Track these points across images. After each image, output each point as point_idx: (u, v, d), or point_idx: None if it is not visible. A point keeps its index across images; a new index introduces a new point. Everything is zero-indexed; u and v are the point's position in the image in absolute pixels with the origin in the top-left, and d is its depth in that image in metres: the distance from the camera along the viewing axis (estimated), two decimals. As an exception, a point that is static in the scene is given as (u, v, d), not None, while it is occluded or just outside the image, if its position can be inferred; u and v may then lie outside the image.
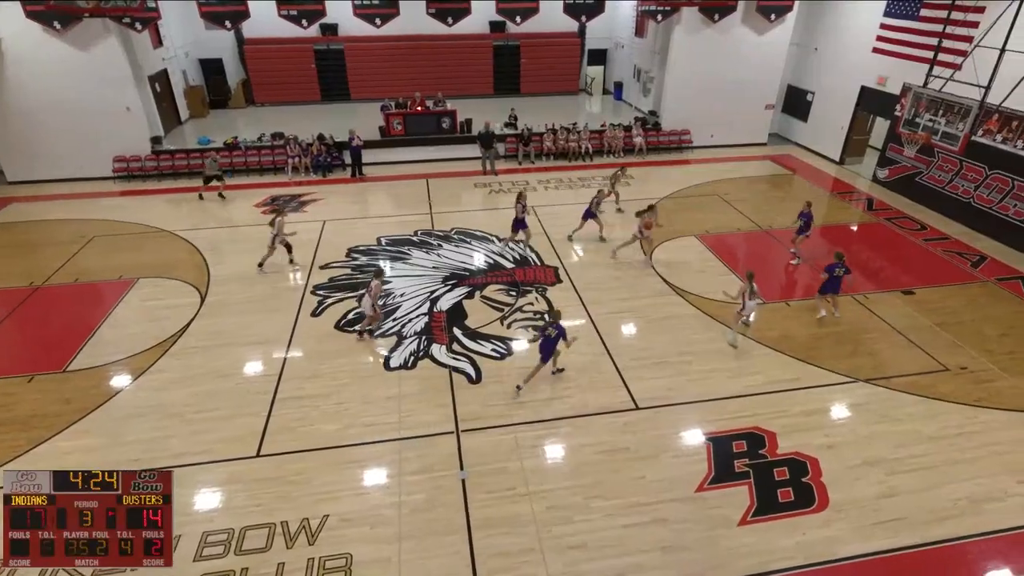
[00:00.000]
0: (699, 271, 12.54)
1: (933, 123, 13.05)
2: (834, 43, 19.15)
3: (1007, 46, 11.83)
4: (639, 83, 23.24)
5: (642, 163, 19.41)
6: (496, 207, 15.93)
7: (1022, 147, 13.33)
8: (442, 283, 12.07)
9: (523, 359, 9.80)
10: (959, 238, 14.22)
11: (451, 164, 19.04)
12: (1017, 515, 7.09)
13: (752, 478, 7.59)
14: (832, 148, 19.63)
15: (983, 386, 9.24)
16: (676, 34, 19.19)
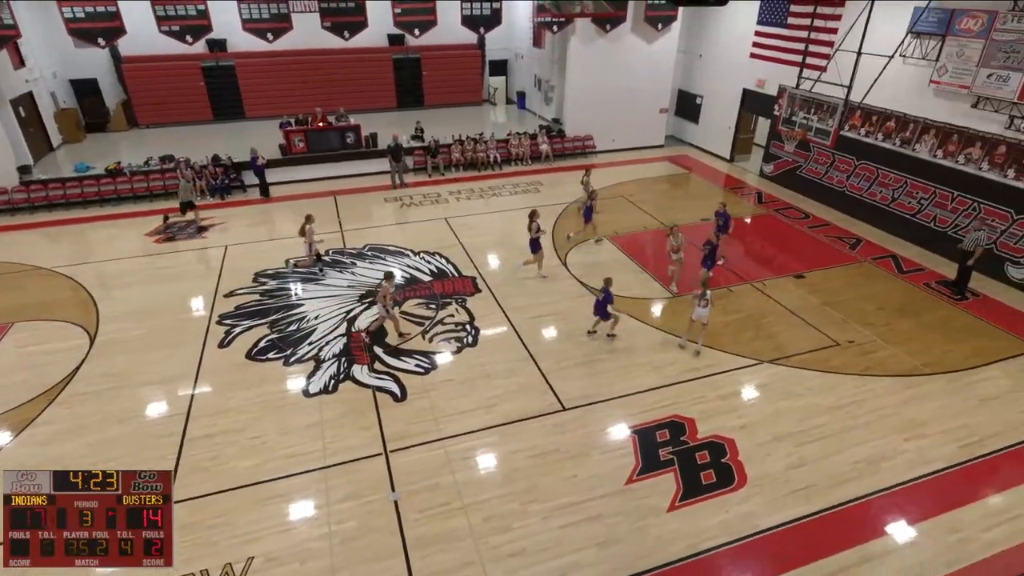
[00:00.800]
0: (612, 271, 12.96)
1: (807, 120, 14.28)
2: (716, 49, 20.53)
3: (862, 49, 13.18)
4: (541, 92, 23.83)
5: (549, 169, 19.87)
6: (408, 220, 15.75)
7: (882, 139, 14.89)
8: (358, 302, 11.75)
9: (448, 371, 9.72)
10: (837, 224, 15.61)
11: (359, 180, 18.63)
12: (907, 470, 7.85)
13: (677, 465, 7.92)
14: (722, 147, 20.99)
15: (868, 357, 10.18)
16: (572, 44, 19.86)
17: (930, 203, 14.01)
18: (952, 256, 12.80)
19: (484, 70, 26.43)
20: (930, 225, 13.99)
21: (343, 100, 22.02)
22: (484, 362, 9.97)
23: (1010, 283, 12.46)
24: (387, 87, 24.56)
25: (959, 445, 8.26)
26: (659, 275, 12.82)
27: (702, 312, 9.92)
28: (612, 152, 21.50)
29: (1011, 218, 12.39)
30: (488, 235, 14.88)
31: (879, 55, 13.42)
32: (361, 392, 9.29)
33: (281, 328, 10.88)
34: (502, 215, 16.22)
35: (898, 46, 13.40)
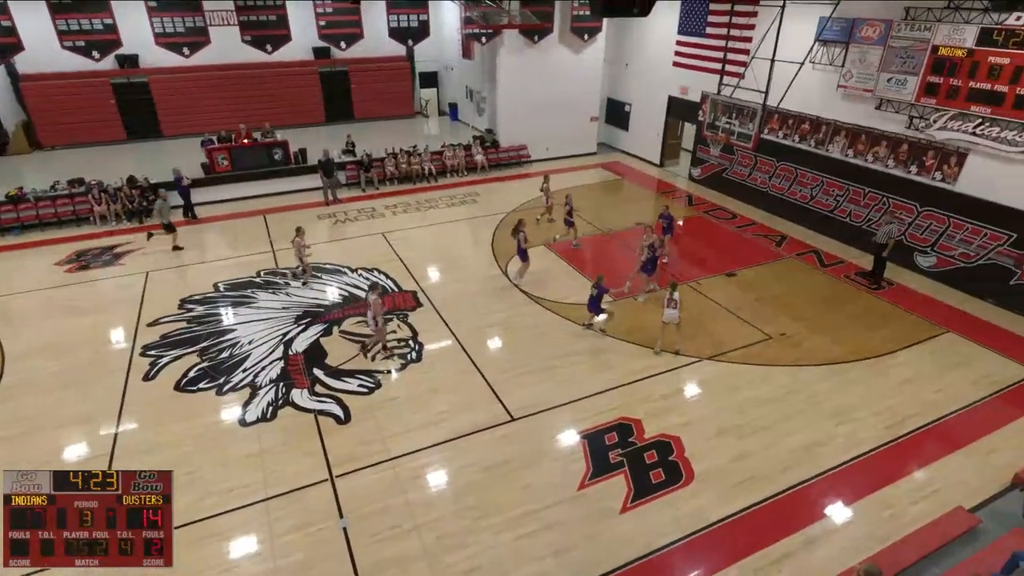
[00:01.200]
0: (552, 279, 13.13)
1: (730, 125, 14.98)
2: (641, 59, 21.28)
3: (776, 57, 13.98)
4: (473, 103, 23.95)
5: (485, 180, 19.96)
6: (343, 237, 15.41)
7: (798, 141, 15.82)
8: (295, 323, 11.38)
9: (394, 388, 9.55)
10: (763, 222, 16.42)
11: (289, 197, 18.09)
12: (840, 454, 8.29)
13: (627, 466, 8.06)
14: (652, 153, 21.72)
15: (798, 347, 10.72)
16: (501, 55, 20.09)
17: (845, 200, 14.96)
18: (868, 249, 13.70)
19: (415, 82, 26.33)
20: (846, 220, 14.94)
21: (269, 116, 21.37)
22: (430, 378, 9.85)
23: (919, 271, 13.45)
24: (314, 101, 24.03)
25: (885, 426, 8.81)
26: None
27: (672, 314, 10.14)
28: (546, 161, 21.83)
29: (916, 211, 13.40)
30: (427, 248, 14.76)
31: (791, 62, 14.28)
32: (302, 417, 8.97)
33: (212, 356, 10.39)
34: (440, 227, 16.14)
35: (807, 53, 14.29)
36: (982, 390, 9.62)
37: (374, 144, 19.85)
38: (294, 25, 21.85)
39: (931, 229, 13.18)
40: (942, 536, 6.82)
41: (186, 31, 20.86)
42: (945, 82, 12.08)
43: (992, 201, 11.98)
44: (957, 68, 11.84)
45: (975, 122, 11.82)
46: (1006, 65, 11.07)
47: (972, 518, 7.06)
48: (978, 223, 12.31)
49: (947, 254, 12.93)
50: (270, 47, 22.02)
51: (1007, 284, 11.91)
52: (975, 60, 11.53)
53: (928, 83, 12.38)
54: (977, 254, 12.38)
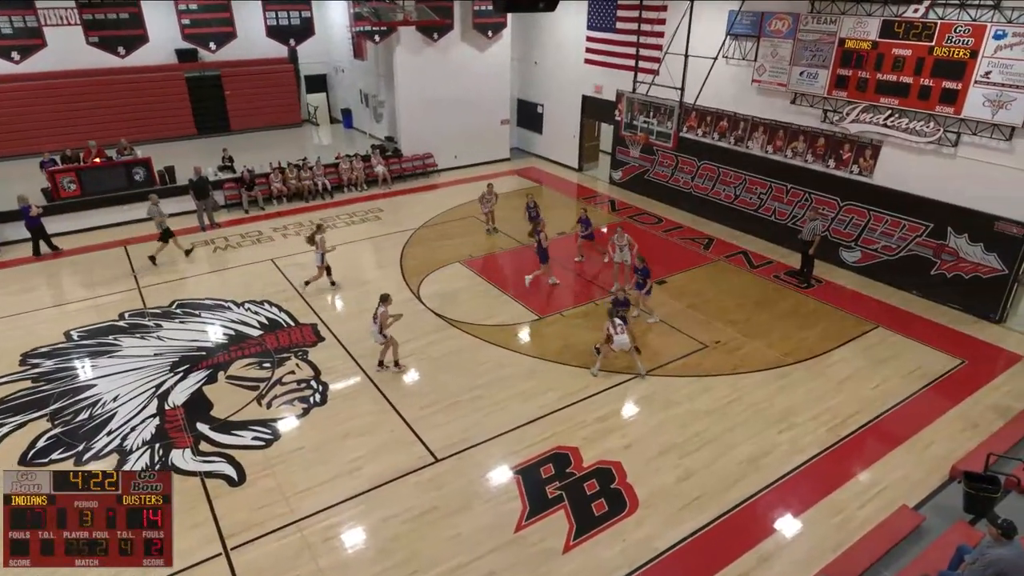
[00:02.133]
0: (470, 298, 13.14)
1: (648, 124, 15.70)
2: (551, 56, 21.97)
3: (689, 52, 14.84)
4: (369, 108, 23.75)
5: (389, 193, 19.79)
6: (225, 267, 14.72)
7: (718, 138, 16.84)
8: (171, 372, 10.70)
9: (295, 439, 9.15)
10: (690, 225, 17.27)
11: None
12: (785, 462, 8.77)
13: (566, 500, 8.11)
14: (569, 156, 22.38)
15: (735, 354, 11.30)
16: (398, 55, 20.10)
17: (768, 197, 16.04)
18: (795, 247, 14.72)
19: (300, 87, 25.81)
20: (771, 219, 16.00)
21: (125, 130, 20.18)
22: (338, 421, 9.54)
23: (846, 266, 14.60)
24: (182, 111, 22.94)
25: (826, 429, 9.42)
26: (519, 296, 13.22)
27: (623, 340, 10.07)
28: (456, 169, 21.96)
29: (838, 205, 14.58)
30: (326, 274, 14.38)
31: (705, 57, 15.20)
32: (186, 482, 8.39)
33: (67, 419, 9.55)
34: (340, 249, 15.74)
35: (720, 48, 15.29)
36: (914, 383, 10.52)
37: (257, 158, 19.19)
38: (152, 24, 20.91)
39: (853, 223, 14.36)
40: (890, 538, 7.34)
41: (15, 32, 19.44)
42: (854, 74, 13.29)
43: (907, 192, 13.24)
44: (864, 60, 13.06)
45: (885, 114, 13.05)
46: (908, 56, 12.34)
47: (916, 516, 7.65)
48: (897, 215, 13.54)
49: (870, 248, 14.12)
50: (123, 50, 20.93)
51: (929, 275, 13.15)
52: (880, 52, 12.77)
53: (838, 76, 13.57)
54: (898, 246, 13.60)
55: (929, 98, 12.21)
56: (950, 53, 11.77)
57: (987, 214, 12.05)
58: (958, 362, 11.13)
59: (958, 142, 12.21)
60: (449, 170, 21.88)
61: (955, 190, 12.44)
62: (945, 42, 11.80)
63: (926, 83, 12.19)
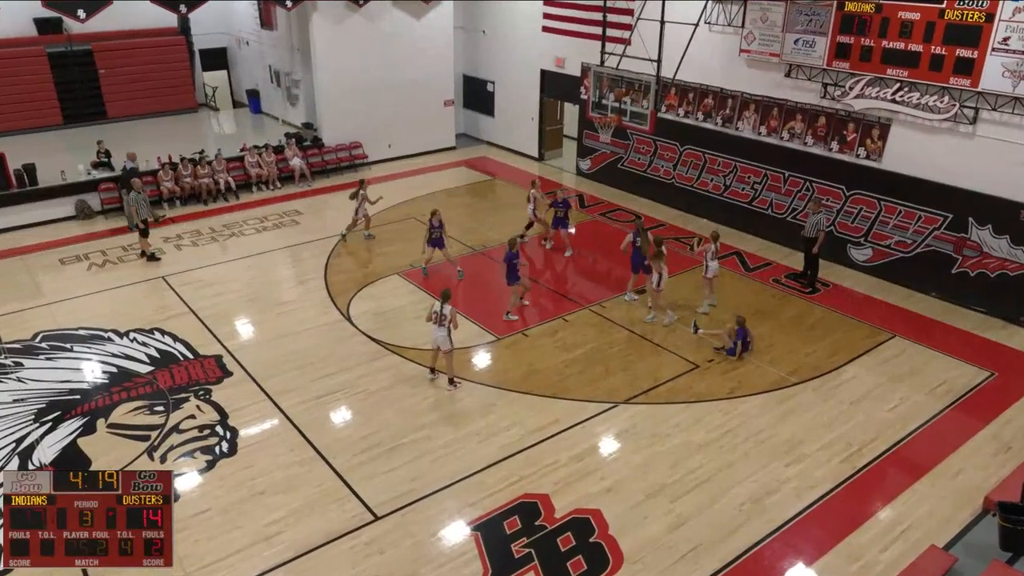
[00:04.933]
0: (414, 316, 13.06)
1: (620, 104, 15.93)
2: (502, 24, 22.17)
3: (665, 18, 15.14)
4: (281, 89, 23.52)
5: (308, 192, 19.60)
6: (104, 288, 14.30)
7: (702, 119, 17.21)
8: (35, 422, 10.33)
9: (199, 499, 8.91)
10: (673, 222, 17.58)
11: (13, 236, 16.54)
12: (794, 502, 8.94)
13: (536, 559, 8.08)
14: (528, 143, 22.56)
15: (731, 374, 11.52)
16: (315, 23, 19.99)
17: (763, 187, 16.46)
18: (796, 245, 15.11)
19: (194, 63, 25.40)
20: (768, 212, 16.41)
21: (-29, 119, 19.52)
22: (251, 475, 9.35)
23: (855, 266, 15.06)
24: (44, 95, 22.33)
25: (840, 460, 9.66)
26: (472, 314, 13.20)
27: (441, 335, 10.71)
28: (391, 161, 21.89)
29: (844, 195, 15.04)
30: (233, 293, 14.13)
31: (684, 23, 15.52)
32: (58, 561, 8.08)
33: (-100, 487, 9.11)
34: (248, 262, 15.52)
35: (701, 12, 15.64)
36: (938, 402, 10.89)
37: (141, 152, 18.74)
38: (2, -13, 20.26)
39: (862, 216, 14.84)
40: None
41: None
42: (856, 42, 13.78)
43: (922, 178, 13.75)
44: (867, 26, 13.56)
45: (893, 87, 13.57)
46: (916, 21, 12.87)
47: (947, 557, 7.88)
48: (911, 205, 14.06)
49: (882, 244, 14.61)
50: (-37, 20, 20.20)
51: (949, 274, 13.68)
52: (885, 16, 13.29)
53: (839, 44, 14.05)
54: (914, 241, 14.11)
55: (942, 69, 12.73)
56: (963, 16, 12.30)
57: (1013, 201, 12.57)
58: (987, 375, 11.57)
59: (976, 119, 12.76)
60: (382, 162, 21.79)
61: (975, 174, 12.97)
62: (957, 3, 12.33)
63: (937, 51, 12.72)
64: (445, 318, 10.62)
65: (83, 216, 17.28)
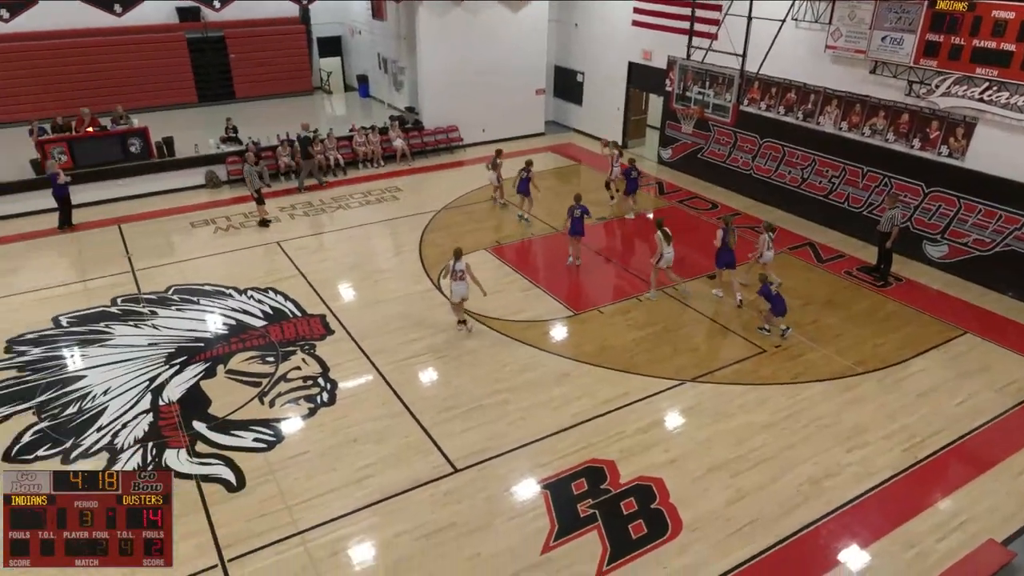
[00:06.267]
0: (497, 290, 13.15)
1: (703, 96, 15.48)
2: (594, 18, 21.78)
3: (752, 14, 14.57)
4: (388, 75, 23.87)
5: (408, 171, 19.89)
6: (227, 249, 14.97)
7: (784, 112, 16.53)
8: (166, 364, 10.95)
9: (299, 442, 9.30)
10: (748, 212, 17.01)
11: (153, 200, 17.48)
12: (853, 486, 8.61)
13: (600, 519, 8.10)
14: (613, 131, 22.16)
15: (798, 360, 11.13)
16: (421, 15, 20.14)
17: (841, 181, 15.71)
18: (871, 239, 14.40)
19: (312, 50, 26.04)
20: (844, 206, 15.68)
21: (121, 97, 20.60)
22: (347, 424, 9.66)
23: (930, 263, 14.25)
24: (182, 77, 23.40)
25: (902, 449, 9.23)
26: (552, 290, 13.20)
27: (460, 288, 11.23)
28: (483, 145, 21.93)
29: (922, 192, 14.21)
30: (337, 259, 14.54)
31: (771, 19, 14.90)
32: (180, 486, 8.57)
33: (54, 412, 9.85)
34: (352, 232, 15.94)
35: (788, 9, 14.97)
36: (1008, 399, 10.24)
37: (262, 130, 19.45)
38: (151, -21, 21.28)
39: (940, 213, 14.00)
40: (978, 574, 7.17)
41: (5, -11, 19.95)
42: (946, 40, 12.89)
43: (1005, 177, 12.83)
44: (958, 24, 12.65)
45: (982, 86, 12.66)
46: (1011, 20, 11.92)
47: (1006, 552, 7.46)
48: (992, 204, 13.15)
49: (960, 242, 13.75)
50: (119, 7, 21.37)
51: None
52: (977, 15, 12.36)
53: (927, 42, 13.17)
54: (993, 240, 13.22)
55: (1034, 69, 11.80)
56: (1061, 16, 11.34)
57: (1100, 205, 11.63)
58: (1060, 376, 10.80)
59: (1068, 120, 11.80)
60: (476, 145, 21.88)
61: (1063, 176, 12.04)
62: (1056, 3, 11.38)
63: (1032, 51, 11.79)
64: (462, 273, 11.05)
65: (212, 185, 18.12)
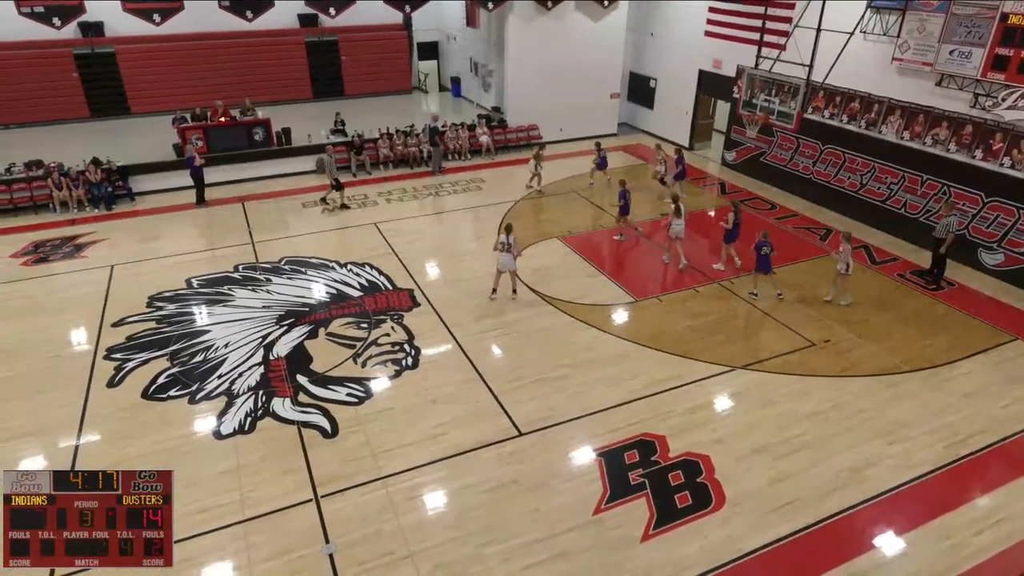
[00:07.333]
0: (566, 276, 13.12)
1: (769, 103, 14.91)
2: (669, 28, 21.19)
3: (821, 26, 13.89)
4: (478, 77, 23.95)
5: (492, 164, 19.97)
6: (331, 228, 15.47)
7: (847, 121, 15.72)
8: (276, 324, 11.45)
9: (385, 399, 9.58)
10: (806, 214, 16.32)
11: (271, 183, 18.19)
12: (893, 476, 8.23)
13: (648, 488, 8.04)
14: (680, 134, 21.63)
15: (845, 356, 10.66)
16: (511, 23, 20.07)
17: (899, 188, 14.85)
18: (925, 244, 13.59)
19: (412, 54, 26.36)
20: (900, 211, 14.83)
21: (248, 91, 21.42)
22: (427, 386, 9.88)
23: (984, 270, 13.34)
24: (300, 75, 24.13)
25: (944, 445, 8.74)
26: (616, 277, 13.06)
27: (508, 259, 11.68)
28: (560, 143, 21.79)
29: (981, 201, 13.28)
30: (425, 241, 14.79)
31: (839, 31, 14.17)
32: (284, 430, 9.02)
33: (184, 360, 10.47)
34: (440, 217, 16.17)
35: (858, 22, 14.18)
36: (1055, 406, 9.53)
37: (367, 123, 19.90)
38: (278, -11, 21.96)
39: (998, 222, 13.06)
40: (1009, 571, 6.78)
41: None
42: (1016, 55, 11.93)
43: (1069, 191, 11.86)
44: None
45: (1050, 100, 11.69)
46: (1086, 35, 10.94)
47: (1042, 552, 7.01)
48: (1052, 216, 12.18)
49: (1016, 251, 12.81)
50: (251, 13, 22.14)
51: (1085, 285, 11.79)
52: (1050, 30, 11.40)
53: (996, 56, 12.23)
54: (1051, 251, 12.26)
55: (1107, 84, 10.80)
56: None
57: None
58: (1112, 387, 9.96)
59: None
60: (553, 143, 21.71)
61: None
62: None
63: (1105, 67, 10.79)
64: (510, 245, 11.48)
65: (321, 171, 18.69)
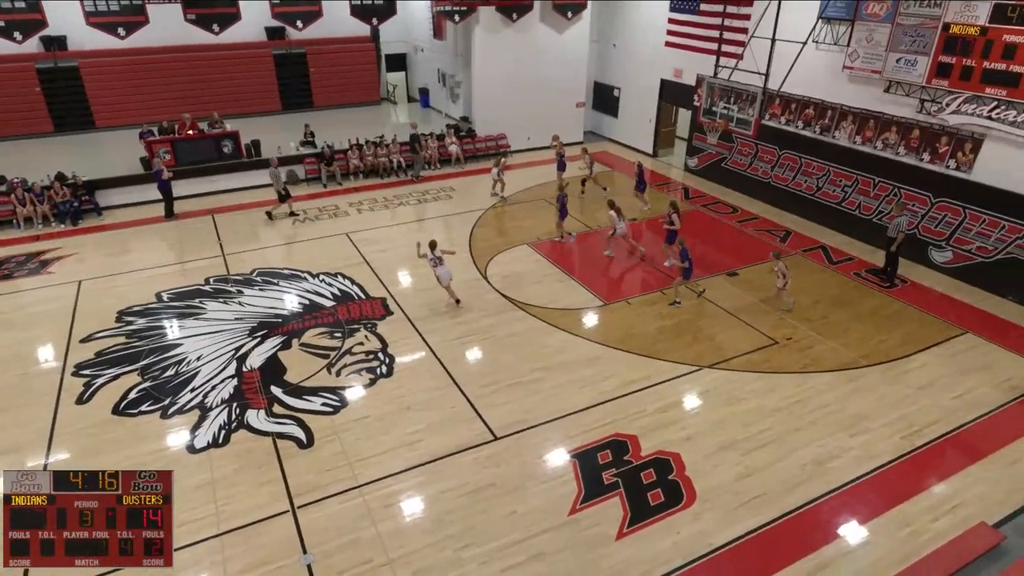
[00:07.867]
0: (536, 281, 13.16)
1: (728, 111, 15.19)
2: (630, 39, 21.47)
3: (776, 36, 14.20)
4: (446, 88, 23.95)
5: (461, 173, 19.96)
6: (302, 239, 15.29)
7: (802, 127, 16.09)
8: (249, 336, 11.26)
9: (361, 408, 9.48)
10: (766, 216, 16.64)
11: (240, 195, 17.91)
12: (854, 468, 8.42)
13: (622, 487, 8.09)
14: (644, 141, 21.91)
15: (807, 352, 10.88)
16: (477, 35, 20.12)
17: (853, 190, 15.24)
18: (879, 244, 13.96)
19: (380, 65, 26.26)
20: (855, 213, 15.21)
21: (217, 104, 21.13)
22: (402, 394, 9.81)
23: (935, 267, 13.75)
24: (268, 87, 23.85)
25: (901, 436, 8.97)
26: (586, 282, 13.15)
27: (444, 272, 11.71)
28: (528, 151, 21.90)
29: (930, 201, 13.70)
30: (397, 249, 14.69)
31: (793, 41, 14.51)
32: (259, 441, 8.86)
33: (155, 374, 10.23)
34: (411, 226, 16.09)
35: (810, 32, 14.55)
36: (1003, 395, 9.84)
37: (336, 134, 19.75)
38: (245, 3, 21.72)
39: (946, 221, 13.48)
40: (965, 554, 6.97)
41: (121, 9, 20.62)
42: (958, 62, 12.37)
43: (1010, 190, 12.28)
44: (970, 47, 12.13)
45: (990, 105, 12.12)
46: (1021, 44, 11.38)
47: (996, 534, 7.22)
48: (996, 214, 12.61)
49: (964, 248, 13.23)
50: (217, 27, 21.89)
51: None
52: (989, 39, 11.83)
53: (940, 63, 12.66)
54: (996, 248, 12.69)
55: (1042, 89, 11.25)
56: (1070, 41, 10.77)
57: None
58: (1055, 376, 10.34)
59: (1072, 138, 11.22)
60: (522, 151, 21.85)
61: (1065, 190, 11.45)
62: (1065, 29, 10.81)
63: (1040, 73, 11.23)
64: (441, 259, 11.69)
65: (291, 182, 18.44)
